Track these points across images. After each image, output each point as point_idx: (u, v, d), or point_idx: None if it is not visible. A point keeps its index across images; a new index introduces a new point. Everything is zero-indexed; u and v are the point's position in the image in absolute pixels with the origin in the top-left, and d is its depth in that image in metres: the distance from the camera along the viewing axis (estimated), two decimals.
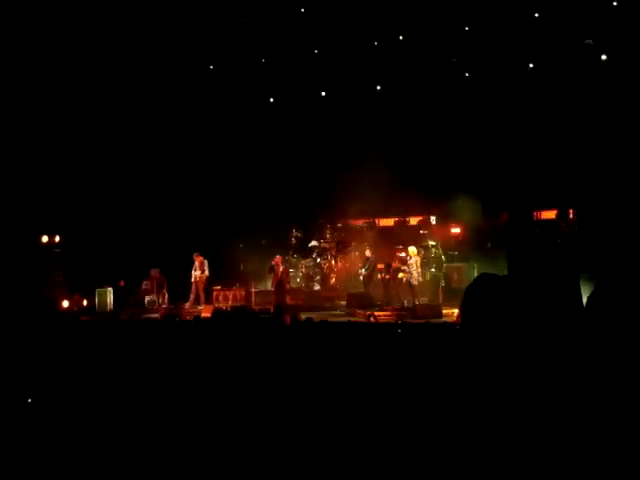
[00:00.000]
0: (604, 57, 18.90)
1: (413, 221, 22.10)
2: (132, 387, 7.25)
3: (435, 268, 18.78)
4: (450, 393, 3.46)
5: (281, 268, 19.18)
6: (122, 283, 20.10)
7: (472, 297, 3.47)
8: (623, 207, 17.17)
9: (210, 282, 19.92)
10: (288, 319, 12.14)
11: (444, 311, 16.60)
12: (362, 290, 18.99)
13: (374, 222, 22.14)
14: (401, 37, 21.06)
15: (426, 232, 20.54)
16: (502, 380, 3.31)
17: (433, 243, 19.38)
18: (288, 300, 19.24)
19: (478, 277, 3.58)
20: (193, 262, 19.41)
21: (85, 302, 19.31)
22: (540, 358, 3.48)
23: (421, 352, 7.59)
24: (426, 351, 7.50)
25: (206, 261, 19.37)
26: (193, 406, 6.50)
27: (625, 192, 17.48)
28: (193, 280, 19.38)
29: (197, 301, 19.40)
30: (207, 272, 19.33)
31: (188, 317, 16.96)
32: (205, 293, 19.59)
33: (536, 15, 19.55)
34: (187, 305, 19.30)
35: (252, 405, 6.24)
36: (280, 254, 19.65)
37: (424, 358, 7.02)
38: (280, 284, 19.10)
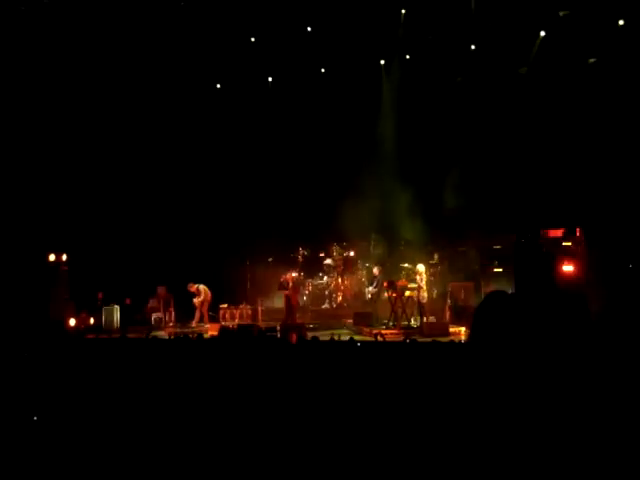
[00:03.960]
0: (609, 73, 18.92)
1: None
2: (138, 406, 7.22)
3: (442, 286, 18.75)
4: (458, 411, 3.44)
5: (291, 285, 19.22)
6: (128, 301, 20.12)
7: (483, 315, 3.46)
8: (630, 225, 17.12)
9: (217, 300, 19.94)
10: (294, 338, 12.11)
11: (451, 329, 16.57)
12: (369, 308, 18.94)
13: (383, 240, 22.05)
14: (407, 57, 21.19)
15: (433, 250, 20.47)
16: (512, 397, 3.29)
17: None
18: (296, 319, 19.20)
19: (489, 295, 3.58)
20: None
21: (92, 320, 19.33)
22: (550, 375, 3.46)
23: (428, 370, 7.54)
24: (434, 369, 7.46)
25: (201, 286, 19.45)
26: (199, 425, 6.47)
27: (632, 210, 17.44)
28: (195, 304, 19.62)
29: (202, 319, 19.48)
30: (202, 297, 19.42)
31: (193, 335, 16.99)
32: (208, 312, 19.68)
33: (542, 33, 19.64)
34: (193, 323, 19.38)
35: (258, 424, 6.21)
36: (289, 272, 19.68)
37: (431, 376, 6.98)
38: (289, 302, 19.12)
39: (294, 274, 19.68)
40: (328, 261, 21.28)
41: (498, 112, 20.23)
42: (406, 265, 18.48)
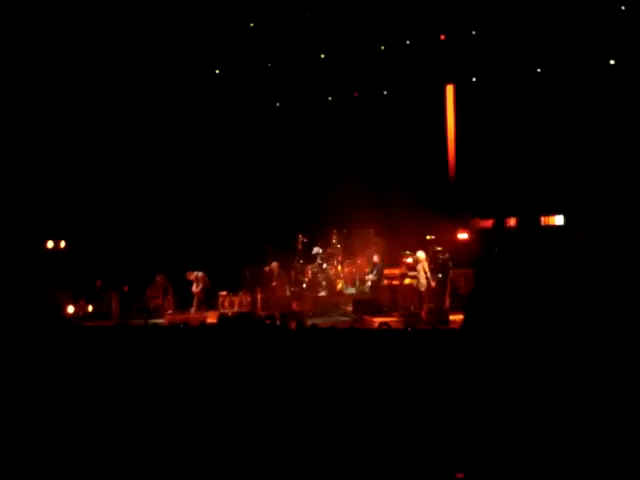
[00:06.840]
0: (612, 62, 18.79)
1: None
2: (137, 392, 7.19)
3: (442, 274, 18.61)
4: (455, 397, 3.41)
5: (276, 273, 19.26)
6: (127, 288, 20.09)
7: (476, 300, 3.41)
8: (632, 214, 17.06)
9: (216, 288, 19.90)
10: (294, 325, 12.10)
11: (451, 317, 16.50)
12: (369, 296, 18.87)
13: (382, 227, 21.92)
14: (408, 42, 21.01)
15: (433, 237, 20.34)
16: (504, 381, 3.25)
17: (440, 249, 19.22)
18: (294, 306, 19.14)
19: (482, 281, 3.53)
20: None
21: (90, 308, 19.32)
22: (542, 360, 3.43)
23: (428, 358, 7.50)
24: (433, 357, 7.41)
25: (199, 274, 19.41)
26: (198, 411, 6.43)
27: (635, 199, 17.37)
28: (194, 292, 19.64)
29: (200, 307, 19.45)
30: (201, 286, 19.39)
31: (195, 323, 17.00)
32: (206, 301, 19.65)
33: (545, 20, 19.47)
34: (192, 311, 19.37)
35: (256, 411, 6.17)
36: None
37: (431, 364, 6.94)
38: (274, 294, 19.20)
39: (274, 263, 19.67)
40: (317, 249, 21.09)
41: (499, 98, 20.12)
42: (407, 252, 18.38)
